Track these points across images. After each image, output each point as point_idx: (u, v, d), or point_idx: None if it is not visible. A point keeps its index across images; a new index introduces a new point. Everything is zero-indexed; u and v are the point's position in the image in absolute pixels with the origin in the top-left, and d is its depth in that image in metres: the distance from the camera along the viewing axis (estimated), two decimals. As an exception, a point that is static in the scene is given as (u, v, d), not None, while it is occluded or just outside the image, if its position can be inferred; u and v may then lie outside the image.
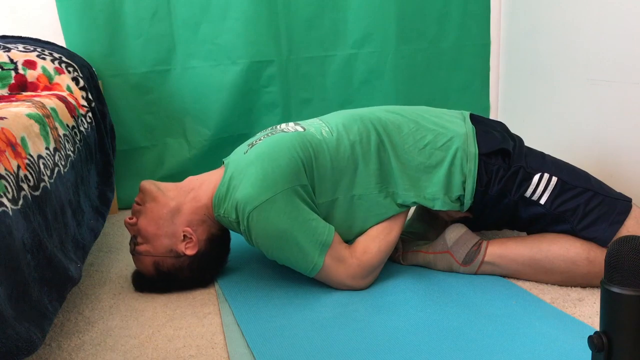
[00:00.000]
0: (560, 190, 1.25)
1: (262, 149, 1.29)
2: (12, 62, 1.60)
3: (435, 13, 2.17)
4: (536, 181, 1.26)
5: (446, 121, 1.36)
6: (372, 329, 1.11)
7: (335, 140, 1.32)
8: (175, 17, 1.97)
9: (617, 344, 0.72)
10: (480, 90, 2.29)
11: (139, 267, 1.35)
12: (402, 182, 1.31)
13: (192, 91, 2.03)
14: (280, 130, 1.36)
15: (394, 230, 1.32)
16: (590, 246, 1.21)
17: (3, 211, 0.81)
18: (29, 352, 0.80)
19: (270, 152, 1.27)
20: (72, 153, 1.31)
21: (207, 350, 1.09)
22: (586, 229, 1.21)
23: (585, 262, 1.21)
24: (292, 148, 1.26)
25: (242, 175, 1.26)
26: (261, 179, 1.22)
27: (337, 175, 1.29)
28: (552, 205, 1.24)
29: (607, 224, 1.20)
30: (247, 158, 1.29)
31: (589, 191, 1.24)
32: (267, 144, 1.30)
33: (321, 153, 1.29)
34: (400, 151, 1.31)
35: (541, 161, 1.29)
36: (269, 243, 1.24)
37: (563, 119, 1.92)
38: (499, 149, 1.29)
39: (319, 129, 1.35)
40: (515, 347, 1.02)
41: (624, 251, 0.71)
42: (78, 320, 1.23)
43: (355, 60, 2.14)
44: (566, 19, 1.85)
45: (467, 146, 1.29)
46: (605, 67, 1.69)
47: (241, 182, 1.25)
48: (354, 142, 1.31)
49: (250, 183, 1.23)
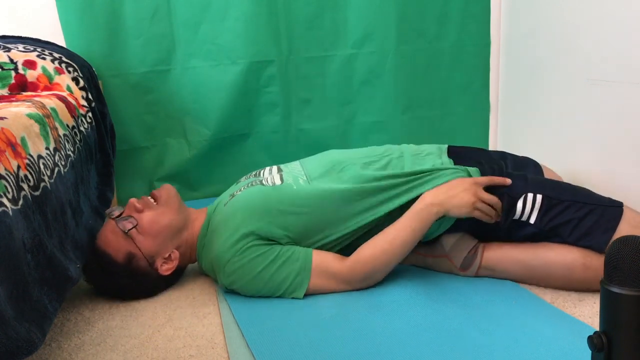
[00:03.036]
0: (548, 206, 1.25)
1: (238, 205, 1.31)
2: (12, 62, 1.60)
3: (435, 13, 2.16)
4: (522, 203, 1.26)
5: (423, 164, 1.37)
6: (372, 329, 1.11)
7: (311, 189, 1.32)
8: (175, 17, 1.96)
9: (617, 344, 0.72)
10: (480, 90, 2.29)
11: (110, 239, 1.29)
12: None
13: (192, 91, 2.03)
14: (258, 182, 1.37)
15: (398, 237, 1.25)
16: (586, 252, 1.21)
17: (3, 211, 0.81)
18: (29, 352, 0.80)
19: (243, 208, 1.30)
20: (72, 153, 1.31)
21: (207, 350, 1.09)
22: (580, 240, 1.21)
23: (581, 268, 1.21)
24: (263, 209, 1.28)
25: (216, 232, 1.30)
26: (229, 236, 1.26)
27: (316, 220, 1.30)
28: (542, 222, 1.25)
29: (600, 232, 1.20)
30: (225, 212, 1.32)
31: (577, 203, 1.24)
32: (243, 198, 1.33)
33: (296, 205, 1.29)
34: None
35: (524, 183, 1.29)
36: (252, 288, 1.26)
37: (563, 119, 1.92)
38: None
39: (297, 178, 1.36)
40: (515, 347, 1.02)
41: (624, 251, 0.71)
42: (78, 320, 1.23)
43: (355, 60, 2.14)
44: (566, 19, 1.85)
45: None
46: (605, 67, 1.69)
47: (214, 239, 1.30)
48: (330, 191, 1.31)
49: (222, 241, 1.27)
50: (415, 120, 2.25)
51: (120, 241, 1.29)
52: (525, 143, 1.64)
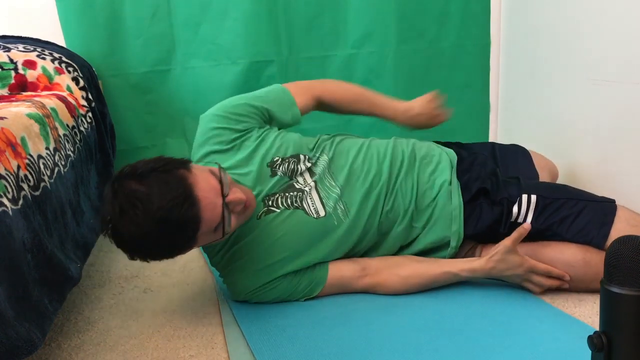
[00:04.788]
0: (543, 206, 1.26)
1: (278, 235, 1.22)
2: (12, 62, 1.60)
3: (435, 13, 2.16)
4: (517, 206, 1.27)
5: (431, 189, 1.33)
6: (372, 329, 1.11)
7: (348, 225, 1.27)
8: (175, 17, 1.96)
9: (617, 344, 0.72)
10: (480, 90, 2.29)
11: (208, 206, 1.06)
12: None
13: (192, 91, 2.03)
14: (299, 202, 1.25)
15: (431, 280, 1.25)
16: (586, 248, 1.21)
17: (3, 211, 0.81)
18: (29, 352, 0.80)
19: (284, 246, 1.22)
20: (72, 153, 1.31)
21: (207, 350, 1.09)
22: (578, 236, 1.22)
23: (581, 263, 1.21)
24: (304, 249, 1.24)
25: (247, 254, 1.23)
26: (259, 272, 1.22)
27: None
28: (538, 222, 1.25)
29: (597, 227, 1.21)
30: (261, 235, 1.22)
31: (571, 200, 1.25)
32: (287, 232, 1.23)
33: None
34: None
35: (518, 187, 1.30)
36: (265, 300, 1.25)
37: (563, 119, 1.92)
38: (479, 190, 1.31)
39: (336, 208, 1.26)
40: (515, 347, 1.02)
41: (624, 251, 0.71)
42: (78, 320, 1.23)
43: (355, 60, 2.13)
44: (566, 18, 1.85)
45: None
46: (606, 67, 1.69)
47: (246, 261, 1.23)
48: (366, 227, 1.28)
49: (251, 273, 1.22)
50: (415, 120, 2.25)
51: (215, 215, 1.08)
52: (525, 143, 1.64)
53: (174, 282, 1.42)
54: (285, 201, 1.25)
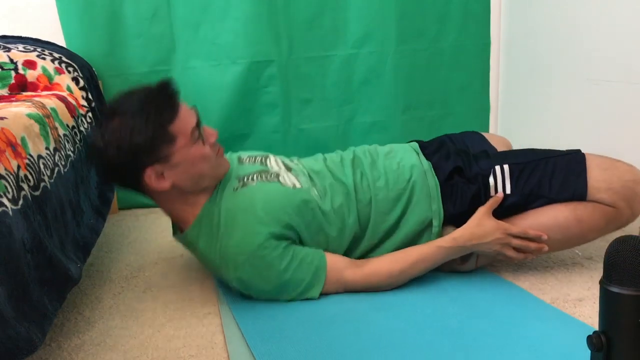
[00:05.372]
0: (517, 173, 1.29)
1: (255, 199, 1.23)
2: (12, 62, 1.61)
3: (435, 13, 2.17)
4: (492, 178, 1.29)
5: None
6: (371, 329, 1.11)
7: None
8: (175, 17, 1.97)
9: (616, 344, 0.72)
10: (480, 90, 2.30)
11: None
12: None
13: (192, 91, 2.03)
14: (274, 177, 1.29)
15: (419, 264, 1.26)
16: (574, 206, 1.24)
17: (3, 211, 0.81)
18: (29, 352, 0.80)
19: (263, 207, 1.21)
20: (72, 153, 1.31)
21: (207, 350, 1.09)
22: (560, 192, 1.25)
23: (575, 223, 1.24)
24: (283, 211, 1.22)
25: (229, 225, 1.21)
26: (246, 235, 1.20)
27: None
28: (518, 188, 1.28)
29: (574, 177, 1.25)
30: (238, 203, 1.23)
31: (541, 160, 1.29)
32: (262, 194, 1.24)
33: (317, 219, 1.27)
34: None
35: (487, 159, 1.33)
36: (263, 289, 1.23)
37: (563, 119, 1.92)
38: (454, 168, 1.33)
39: (311, 187, 1.30)
40: (515, 347, 1.02)
41: (623, 251, 0.71)
42: (78, 320, 1.23)
43: (355, 60, 2.14)
44: (566, 19, 1.85)
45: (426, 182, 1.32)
46: (605, 67, 1.69)
47: (228, 232, 1.21)
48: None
49: (237, 239, 1.20)
50: (415, 120, 2.25)
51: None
52: (525, 143, 1.65)
53: (174, 282, 1.42)
54: (261, 177, 1.29)
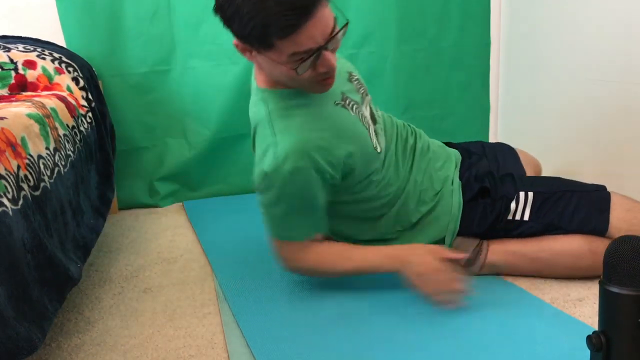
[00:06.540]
0: (541, 201, 1.27)
1: (342, 127, 1.19)
2: (12, 62, 1.61)
3: (435, 13, 2.16)
4: (514, 203, 1.28)
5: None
6: (372, 329, 1.11)
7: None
8: (175, 17, 1.96)
9: (616, 344, 0.72)
10: (480, 90, 2.29)
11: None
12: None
13: (192, 91, 2.03)
14: (367, 126, 1.25)
15: (359, 267, 1.22)
16: (591, 238, 1.23)
17: (3, 211, 0.81)
18: (29, 352, 0.80)
19: (344, 138, 1.17)
20: (72, 153, 1.31)
21: (207, 350, 1.09)
22: (579, 227, 1.24)
23: (588, 254, 1.23)
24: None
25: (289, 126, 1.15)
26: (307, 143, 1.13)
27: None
28: (537, 217, 1.27)
29: (597, 214, 1.23)
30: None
31: (567, 192, 1.28)
32: (352, 130, 1.20)
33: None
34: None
35: (513, 183, 1.32)
36: (270, 210, 1.19)
37: (563, 119, 1.92)
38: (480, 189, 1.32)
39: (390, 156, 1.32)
40: (515, 347, 1.02)
41: (623, 251, 0.71)
42: (78, 320, 1.23)
43: (355, 60, 2.13)
44: (566, 19, 1.85)
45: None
46: (605, 67, 1.69)
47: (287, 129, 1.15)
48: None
49: (295, 142, 1.13)
50: (415, 120, 2.22)
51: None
52: (525, 143, 1.65)
53: (174, 282, 1.42)
54: (358, 113, 1.25)
